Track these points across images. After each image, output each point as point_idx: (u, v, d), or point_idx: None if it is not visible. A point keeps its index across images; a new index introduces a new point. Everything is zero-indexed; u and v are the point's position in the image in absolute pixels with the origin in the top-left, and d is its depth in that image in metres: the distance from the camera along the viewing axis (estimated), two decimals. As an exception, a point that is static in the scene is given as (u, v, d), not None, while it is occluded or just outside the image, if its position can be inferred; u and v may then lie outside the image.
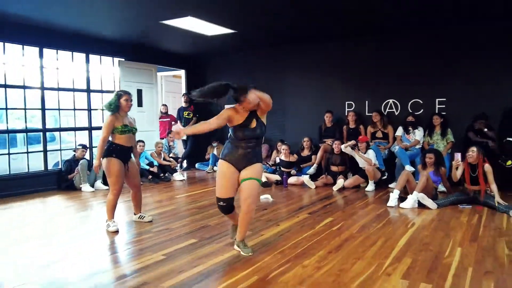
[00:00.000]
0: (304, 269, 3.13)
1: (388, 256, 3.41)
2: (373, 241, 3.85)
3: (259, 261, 3.33)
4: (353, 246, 3.69)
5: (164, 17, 6.06)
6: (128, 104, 4.36)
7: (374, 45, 7.65)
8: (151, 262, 3.36)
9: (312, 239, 3.91)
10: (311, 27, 6.97)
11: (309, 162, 7.62)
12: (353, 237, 3.97)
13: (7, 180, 6.39)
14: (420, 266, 3.19)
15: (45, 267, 3.28)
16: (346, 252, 3.52)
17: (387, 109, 7.62)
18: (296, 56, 8.53)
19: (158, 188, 7.05)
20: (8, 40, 6.32)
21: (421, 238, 3.92)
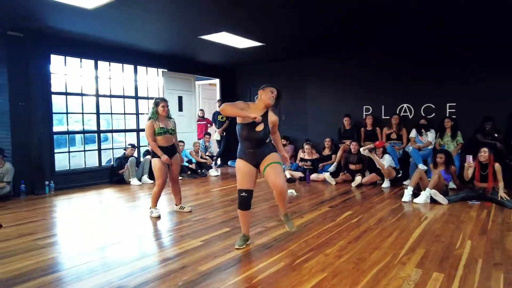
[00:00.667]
0: (326, 257, 3.11)
1: (403, 247, 3.34)
2: (389, 232, 3.78)
3: (286, 248, 3.33)
4: (371, 237, 3.63)
5: (202, 33, 6.13)
6: (164, 110, 4.53)
7: (389, 53, 7.48)
8: (191, 248, 3.41)
9: (333, 230, 3.87)
10: (331, 39, 6.89)
11: (329, 160, 7.54)
12: (370, 229, 3.91)
13: (68, 175, 6.62)
14: (433, 256, 3.11)
15: (101, 249, 3.39)
16: (365, 243, 3.47)
17: (402, 112, 7.44)
18: (317, 66, 8.46)
19: (195, 183, 7.14)
20: (69, 54, 6.54)
21: (433, 231, 3.82)
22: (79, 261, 3.11)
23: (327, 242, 3.49)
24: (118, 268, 2.94)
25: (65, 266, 3.00)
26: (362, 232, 3.80)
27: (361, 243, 3.45)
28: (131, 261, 3.10)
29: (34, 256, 3.24)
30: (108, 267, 2.97)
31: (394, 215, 4.50)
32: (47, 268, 2.97)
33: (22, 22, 5.48)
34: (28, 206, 5.27)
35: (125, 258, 3.18)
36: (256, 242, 3.53)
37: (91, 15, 5.11)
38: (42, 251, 3.37)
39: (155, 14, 5.19)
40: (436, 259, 3.05)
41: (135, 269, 2.90)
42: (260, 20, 5.54)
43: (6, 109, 5.80)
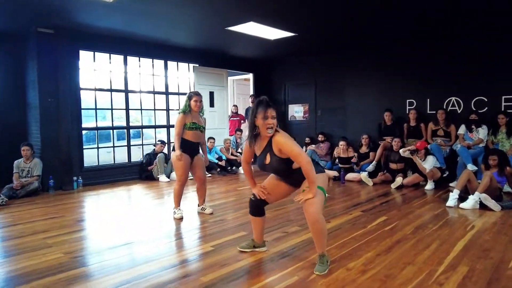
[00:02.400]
0: (348, 272, 2.68)
1: (441, 262, 2.83)
2: (427, 244, 3.26)
3: (304, 259, 2.94)
4: (405, 249, 3.14)
5: (228, 24, 5.82)
6: (197, 105, 4.25)
7: (435, 43, 6.78)
8: (199, 253, 3.13)
9: (361, 239, 3.41)
10: (373, 30, 6.32)
11: (367, 159, 6.98)
12: (405, 239, 3.41)
13: (96, 170, 6.61)
14: (478, 276, 2.58)
15: (106, 251, 3.18)
16: (396, 255, 2.99)
17: (449, 107, 6.72)
18: (356, 58, 7.88)
19: (224, 180, 6.88)
20: (98, 49, 6.50)
21: (481, 243, 3.25)
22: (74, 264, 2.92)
23: (352, 253, 3.06)
24: (115, 274, 2.70)
25: (61, 269, 2.82)
26: (395, 243, 3.31)
27: (392, 256, 2.98)
28: (131, 266, 2.85)
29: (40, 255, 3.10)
30: (104, 272, 2.73)
31: (435, 222, 3.94)
32: (53, 267, 2.81)
33: (51, 19, 5.48)
34: (53, 201, 5.25)
35: (126, 262, 2.94)
36: (272, 249, 3.17)
37: (116, 9, 4.98)
38: (48, 250, 3.22)
39: (179, 6, 4.95)
40: (483, 280, 2.52)
41: (132, 277, 2.65)
42: (289, 8, 5.13)
43: (36, 105, 5.85)
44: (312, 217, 2.59)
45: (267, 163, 2.75)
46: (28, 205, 5.03)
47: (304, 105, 8.97)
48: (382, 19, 5.64)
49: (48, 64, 5.84)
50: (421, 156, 5.92)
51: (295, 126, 9.09)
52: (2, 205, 4.95)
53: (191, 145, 4.23)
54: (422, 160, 5.88)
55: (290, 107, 9.23)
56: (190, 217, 4.30)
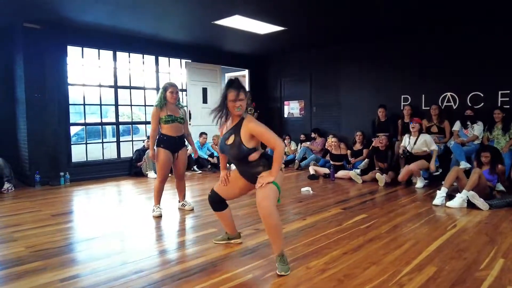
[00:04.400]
0: (307, 271, 2.54)
1: (409, 263, 2.67)
2: (400, 243, 3.09)
3: (264, 257, 2.80)
4: (374, 248, 2.98)
5: (214, 17, 5.70)
6: (173, 96, 4.08)
7: (430, 35, 6.55)
8: (161, 250, 3.03)
9: (332, 237, 3.26)
10: (366, 23, 6.15)
11: (361, 156, 6.80)
12: (379, 238, 3.25)
13: (85, 166, 6.57)
14: (444, 277, 2.42)
15: (68, 245, 3.10)
16: (364, 255, 2.84)
17: (445, 102, 6.48)
18: (350, 53, 7.68)
19: (213, 177, 6.76)
20: (86, 45, 6.45)
21: (457, 243, 3.07)
22: (32, 258, 2.84)
23: (317, 251, 2.91)
24: (67, 268, 2.61)
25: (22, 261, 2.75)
26: (366, 241, 3.15)
27: (358, 255, 2.82)
28: (87, 261, 2.76)
29: (2, 248, 3.05)
30: (57, 267, 2.65)
31: (415, 221, 3.77)
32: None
33: (38, 14, 5.44)
34: (35, 196, 5.21)
35: (83, 257, 2.86)
36: (236, 247, 3.05)
37: (99, 2, 4.91)
38: (12, 244, 3.16)
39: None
40: (447, 281, 2.36)
41: (83, 272, 2.56)
42: (275, 1, 5.00)
43: (23, 100, 5.83)
44: (264, 211, 2.45)
45: (229, 143, 2.63)
46: (9, 200, 5.01)
47: (300, 102, 8.80)
48: (376, 11, 5.45)
49: (35, 59, 5.80)
50: (415, 131, 5.66)
51: (292, 123, 8.94)
52: None
53: (172, 140, 4.07)
54: (416, 138, 5.64)
55: (286, 103, 9.08)
56: (172, 213, 4.21)
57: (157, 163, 4.08)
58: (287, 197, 4.94)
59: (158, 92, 4.18)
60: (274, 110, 9.25)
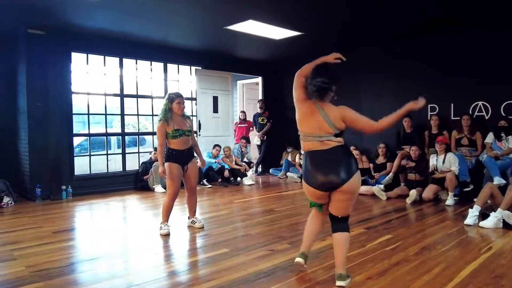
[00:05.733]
0: (327, 297, 2.50)
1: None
2: (430, 267, 3.02)
3: (281, 281, 2.77)
4: (402, 273, 2.92)
5: (226, 23, 5.77)
6: (181, 107, 4.11)
7: (460, 40, 6.48)
8: (170, 271, 3.03)
9: (355, 260, 3.20)
10: (387, 25, 6.14)
11: (384, 170, 6.72)
12: (406, 261, 3.18)
13: (88, 179, 6.64)
14: (480, 307, 2.35)
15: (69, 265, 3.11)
16: (390, 280, 2.78)
17: (476, 112, 6.38)
18: (372, 59, 7.65)
19: (223, 192, 6.76)
20: (91, 51, 6.58)
21: (493, 268, 2.99)
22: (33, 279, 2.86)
23: (339, 275, 2.86)
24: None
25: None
26: (393, 265, 3.09)
27: (385, 280, 2.77)
28: (91, 283, 2.77)
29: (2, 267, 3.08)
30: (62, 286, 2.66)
31: (445, 242, 3.68)
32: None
33: (42, 19, 5.58)
34: (36, 211, 5.28)
35: (86, 278, 2.87)
36: (250, 269, 3.02)
37: (104, 6, 5.02)
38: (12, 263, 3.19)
39: (170, 2, 4.93)
40: (484, 312, 2.29)
41: (85, 296, 2.56)
42: (290, 4, 5.04)
43: (24, 109, 5.95)
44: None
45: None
46: (9, 215, 5.08)
47: (318, 111, 8.77)
48: (398, 13, 5.44)
49: (38, 66, 5.94)
50: (440, 151, 5.69)
51: (308, 134, 8.89)
52: None
53: (180, 154, 4.10)
54: (443, 156, 5.66)
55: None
56: (177, 231, 4.20)
57: (167, 178, 4.10)
58: (305, 214, 4.88)
59: (162, 104, 4.19)
60: (290, 119, 9.23)
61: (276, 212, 5.11)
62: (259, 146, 8.92)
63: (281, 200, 6.01)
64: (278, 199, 6.09)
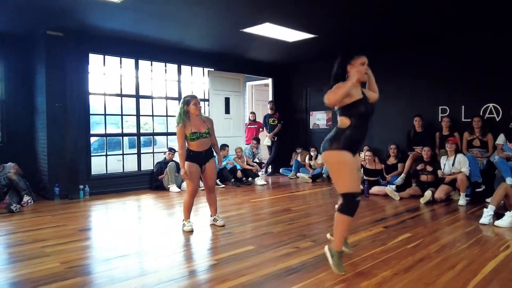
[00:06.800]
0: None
1: (466, 284, 2.72)
2: (453, 264, 3.14)
3: (312, 276, 2.88)
4: (427, 269, 3.03)
5: (243, 25, 5.90)
6: (197, 107, 4.24)
7: (471, 43, 6.61)
8: (200, 267, 3.14)
9: (379, 257, 3.32)
10: (401, 29, 6.26)
11: (395, 171, 6.84)
12: (429, 258, 3.30)
13: (104, 179, 6.76)
14: (507, 301, 2.47)
15: (98, 263, 3.23)
16: (416, 275, 2.90)
17: (487, 114, 6.50)
18: (383, 61, 7.74)
19: (238, 192, 6.89)
20: (108, 53, 6.71)
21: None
22: (69, 274, 2.98)
23: (367, 271, 2.97)
24: (107, 286, 2.73)
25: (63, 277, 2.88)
26: (416, 262, 3.21)
27: (411, 276, 2.88)
28: (125, 279, 2.88)
29: (36, 264, 3.18)
30: (98, 284, 2.77)
31: (464, 241, 3.80)
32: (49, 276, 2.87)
33: (61, 21, 5.69)
34: (57, 210, 5.39)
35: (120, 275, 2.97)
36: (279, 265, 3.13)
37: (126, 9, 5.13)
38: (45, 259, 3.30)
39: (191, 5, 5.05)
40: (512, 305, 2.41)
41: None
42: (307, 8, 5.16)
43: (43, 110, 6.07)
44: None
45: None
46: (30, 214, 5.19)
47: (328, 112, 8.90)
48: (411, 14, 5.54)
49: (57, 67, 6.06)
50: (451, 151, 5.87)
51: (318, 134, 9.02)
52: (16, 212, 5.17)
53: (198, 155, 4.23)
54: (453, 157, 5.84)
55: (313, 114, 9.20)
56: (200, 228, 4.33)
57: (186, 177, 4.21)
58: (321, 214, 5.02)
59: (178, 108, 4.31)
60: (299, 121, 9.37)
61: (293, 211, 5.23)
62: (269, 147, 9.04)
63: (295, 200, 6.12)
64: (292, 199, 6.21)
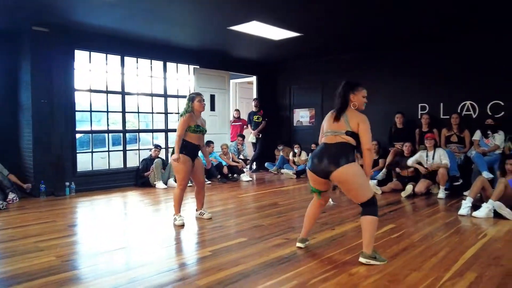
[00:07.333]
0: (350, 277, 2.76)
1: (449, 269, 2.90)
2: (435, 251, 3.34)
3: (304, 265, 3.02)
4: (411, 256, 3.22)
5: (231, 23, 5.98)
6: (201, 104, 4.39)
7: (447, 43, 6.90)
8: (197, 258, 3.25)
9: (366, 246, 3.49)
10: (383, 30, 6.48)
11: (376, 166, 7.07)
12: (413, 246, 3.49)
13: (90, 176, 6.74)
14: (486, 283, 2.65)
15: (99, 255, 3.28)
16: (402, 262, 3.07)
17: (464, 111, 6.80)
18: (366, 60, 8.00)
19: (224, 188, 6.99)
20: (94, 49, 6.69)
21: (491, 251, 3.32)
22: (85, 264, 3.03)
23: (355, 259, 3.12)
24: (104, 278, 2.79)
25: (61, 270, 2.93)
26: (401, 250, 3.39)
27: (397, 263, 3.06)
28: (124, 270, 2.96)
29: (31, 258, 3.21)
30: (94, 276, 2.83)
31: (445, 230, 4.02)
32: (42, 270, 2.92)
33: (47, 17, 5.66)
34: (44, 207, 5.38)
35: (119, 266, 3.05)
36: (272, 255, 3.26)
37: (114, 6, 5.15)
38: (39, 253, 3.33)
39: (179, 3, 5.11)
40: (490, 286, 2.60)
41: (125, 280, 2.74)
42: (294, 6, 5.29)
43: (28, 106, 6.01)
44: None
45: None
46: (17, 211, 5.16)
47: (311, 110, 9.08)
48: (393, 18, 5.78)
49: (42, 64, 6.01)
50: (430, 147, 6.09)
51: (301, 131, 9.20)
52: (2, 209, 5.12)
53: (193, 148, 4.33)
54: (432, 152, 6.06)
55: (296, 111, 9.36)
56: (188, 223, 4.40)
57: (179, 171, 4.29)
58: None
59: (184, 103, 4.48)
60: (283, 118, 9.53)
61: (280, 205, 5.37)
62: (254, 144, 9.16)
63: (281, 195, 6.27)
64: (278, 194, 6.35)
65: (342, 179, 3.02)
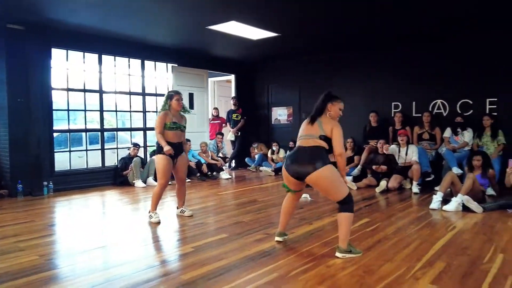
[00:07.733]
0: (328, 269, 2.90)
1: (420, 259, 3.08)
2: (407, 243, 3.52)
3: (284, 258, 3.15)
4: (385, 248, 3.38)
5: (209, 23, 6.04)
6: (179, 103, 4.42)
7: (421, 45, 7.16)
8: (179, 254, 3.32)
9: (342, 239, 3.64)
10: (358, 32, 6.67)
11: (352, 163, 7.28)
12: (386, 239, 3.66)
13: (68, 175, 6.68)
14: (454, 271, 2.84)
15: (78, 254, 3.31)
16: (376, 254, 3.23)
17: (435, 110, 7.09)
18: (342, 60, 8.21)
19: (203, 186, 7.05)
20: (71, 47, 6.62)
21: (459, 242, 3.53)
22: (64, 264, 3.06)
23: (332, 252, 3.26)
24: (89, 275, 2.83)
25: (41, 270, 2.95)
26: (375, 242, 3.56)
27: (371, 254, 3.22)
28: (107, 267, 3.01)
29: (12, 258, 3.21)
30: (77, 274, 2.86)
31: (417, 223, 4.22)
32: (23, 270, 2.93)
33: (22, 14, 5.58)
34: (22, 207, 5.32)
35: (101, 264, 3.10)
36: (253, 249, 3.37)
37: (91, 4, 5.12)
38: (20, 253, 3.33)
39: (158, 2, 5.13)
40: (458, 274, 2.78)
41: (110, 276, 2.79)
42: (272, 7, 5.40)
43: (4, 105, 5.92)
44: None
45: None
46: (-5, 211, 5.10)
47: (288, 108, 9.23)
48: (368, 21, 5.97)
49: (18, 62, 5.92)
50: (403, 144, 6.33)
51: (279, 129, 9.34)
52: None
53: (172, 145, 4.33)
54: (404, 148, 6.31)
55: (274, 110, 9.50)
56: (169, 221, 4.46)
57: (159, 169, 4.35)
58: (286, 204, 5.31)
59: (162, 101, 4.50)
60: (262, 116, 9.65)
61: (260, 202, 5.48)
62: (233, 142, 9.25)
63: (260, 192, 6.38)
64: (257, 191, 6.46)
65: (319, 181, 3.18)
